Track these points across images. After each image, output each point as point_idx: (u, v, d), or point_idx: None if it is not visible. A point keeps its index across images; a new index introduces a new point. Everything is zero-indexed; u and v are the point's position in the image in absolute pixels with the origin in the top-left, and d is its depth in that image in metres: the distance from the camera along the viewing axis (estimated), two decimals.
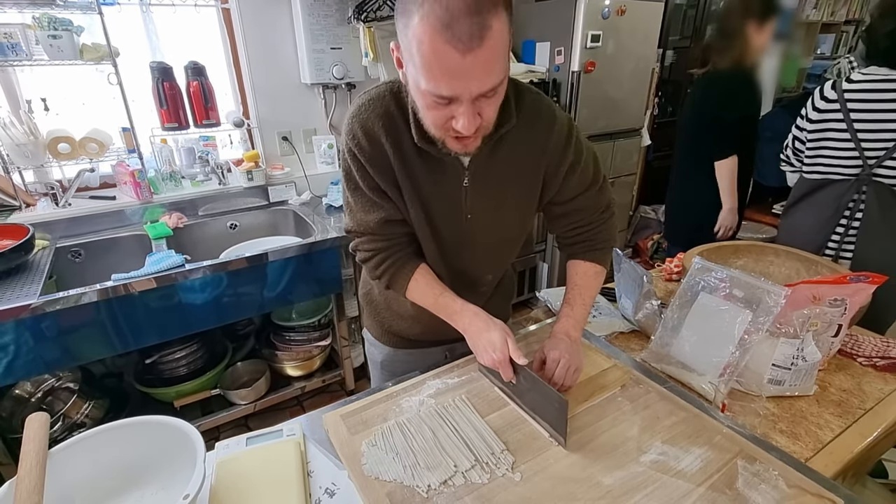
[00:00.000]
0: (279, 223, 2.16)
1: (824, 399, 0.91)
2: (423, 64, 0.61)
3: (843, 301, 0.90)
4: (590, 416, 0.82)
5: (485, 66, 0.61)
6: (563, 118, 0.84)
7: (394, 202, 0.84)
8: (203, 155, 2.01)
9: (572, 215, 0.94)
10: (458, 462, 0.71)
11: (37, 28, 1.56)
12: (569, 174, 0.87)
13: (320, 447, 0.78)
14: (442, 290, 0.88)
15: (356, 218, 0.87)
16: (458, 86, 0.62)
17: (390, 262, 0.88)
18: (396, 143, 0.78)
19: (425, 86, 0.63)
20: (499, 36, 0.60)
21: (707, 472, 0.70)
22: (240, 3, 1.91)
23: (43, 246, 1.67)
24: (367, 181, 0.82)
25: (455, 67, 0.60)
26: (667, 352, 0.98)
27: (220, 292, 1.64)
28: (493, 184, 0.83)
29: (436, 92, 0.63)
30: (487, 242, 0.91)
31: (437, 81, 0.62)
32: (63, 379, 1.66)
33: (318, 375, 2.09)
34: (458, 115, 0.65)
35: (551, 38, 2.35)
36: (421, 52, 0.60)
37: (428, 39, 0.59)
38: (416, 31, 0.60)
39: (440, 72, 0.61)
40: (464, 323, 0.86)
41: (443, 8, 0.57)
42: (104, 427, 0.69)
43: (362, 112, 0.78)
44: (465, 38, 0.57)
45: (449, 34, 0.57)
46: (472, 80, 0.62)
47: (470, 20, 0.57)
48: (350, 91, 2.24)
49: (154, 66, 1.80)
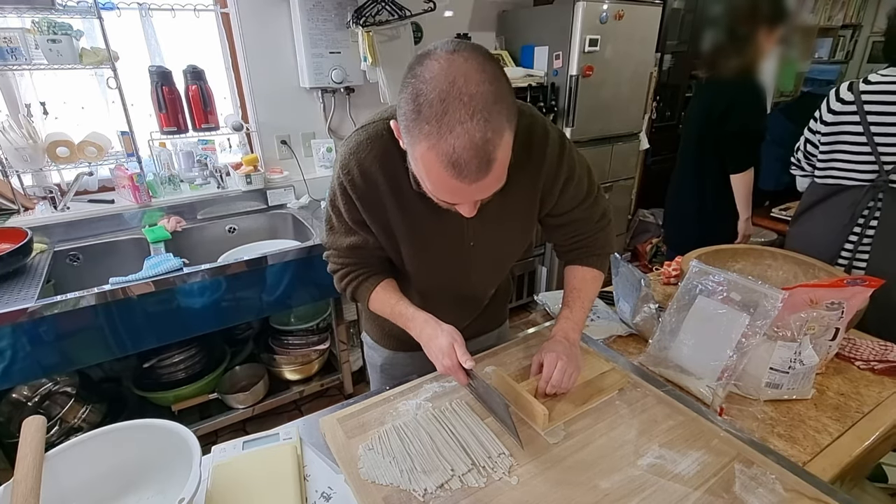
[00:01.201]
0: (278, 227, 2.16)
1: (822, 403, 0.91)
2: (430, 182, 0.64)
3: (840, 304, 0.90)
4: (587, 419, 0.81)
5: (490, 186, 0.64)
6: (555, 135, 0.85)
7: (374, 235, 0.86)
8: (202, 158, 2.01)
9: (569, 226, 0.95)
10: (455, 466, 0.71)
11: (36, 32, 1.56)
12: (564, 189, 0.88)
13: (317, 451, 0.77)
14: (398, 299, 0.90)
15: (333, 237, 0.90)
16: (463, 199, 0.67)
17: (354, 275, 0.91)
18: (394, 184, 0.79)
19: (432, 192, 0.67)
20: (503, 157, 0.61)
21: (704, 475, 0.70)
22: (239, 7, 1.92)
23: (41, 250, 1.67)
24: (352, 214, 0.83)
25: (461, 192, 0.63)
26: (665, 355, 0.98)
27: (218, 296, 1.64)
28: (493, 210, 0.83)
29: (443, 199, 0.68)
30: (489, 263, 0.93)
31: (443, 196, 0.67)
32: (60, 383, 1.65)
33: (316, 379, 2.09)
34: (460, 209, 0.70)
35: (550, 42, 2.36)
36: (427, 174, 0.62)
37: (435, 171, 0.61)
38: (423, 156, 0.61)
39: (449, 194, 0.65)
40: (416, 331, 0.86)
41: (450, 147, 0.57)
42: (101, 430, 0.68)
43: (360, 151, 0.77)
44: (472, 174, 0.59)
45: (455, 171, 0.59)
46: (477, 196, 0.67)
47: (477, 159, 0.58)
48: (349, 95, 2.25)
49: (153, 70, 1.81)
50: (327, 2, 1.99)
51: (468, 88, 0.57)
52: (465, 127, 0.57)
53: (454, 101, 0.56)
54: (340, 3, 2.01)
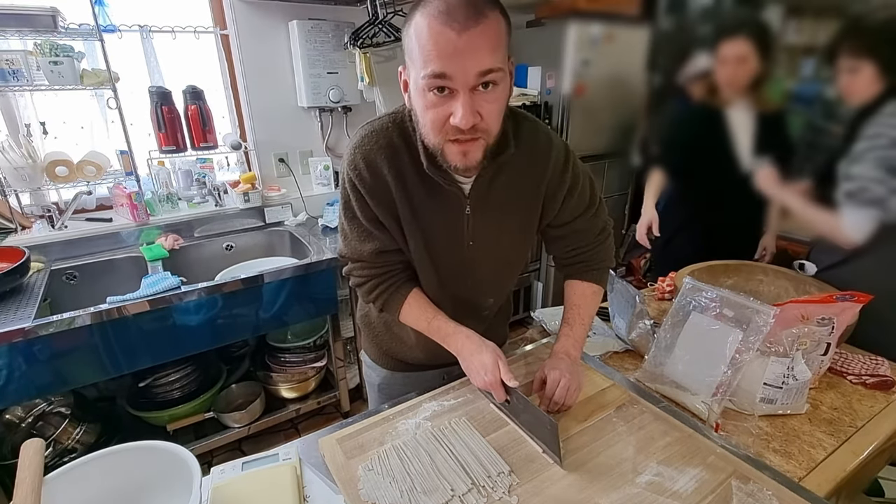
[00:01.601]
0: (275, 244, 2.17)
1: (816, 417, 0.92)
2: (422, 49, 0.65)
3: (830, 320, 0.91)
4: (586, 436, 0.82)
5: (480, 45, 0.64)
6: (560, 144, 0.87)
7: (390, 233, 0.85)
8: (200, 177, 2.03)
9: (570, 238, 0.96)
10: (455, 486, 0.71)
11: (38, 54, 1.59)
12: (567, 198, 0.90)
13: (316, 471, 0.77)
14: (435, 313, 0.90)
15: (351, 245, 0.89)
16: (454, 64, 0.64)
17: (384, 287, 0.90)
18: (399, 175, 0.80)
19: (424, 72, 0.66)
20: (494, 25, 0.65)
21: (702, 492, 0.70)
22: (239, 30, 1.96)
23: (38, 269, 1.66)
24: (366, 212, 0.84)
25: (451, 45, 0.64)
26: (661, 371, 0.99)
27: (215, 314, 1.64)
28: (494, 211, 0.85)
29: (434, 71, 0.65)
30: (489, 268, 0.93)
31: (434, 60, 0.65)
32: (54, 403, 1.64)
33: (313, 397, 2.08)
34: (455, 110, 0.67)
35: (543, 62, 2.41)
36: (419, 39, 0.65)
37: (426, 25, 0.64)
38: (416, 23, 0.66)
39: (437, 51, 0.64)
40: (457, 345, 0.87)
41: (441, 1, 0.64)
42: (101, 453, 0.68)
43: (365, 143, 0.80)
44: (462, 19, 0.63)
45: (446, 17, 0.63)
46: (468, 58, 0.64)
47: (466, 7, 0.63)
48: (346, 114, 2.28)
49: (153, 90, 1.83)
50: (325, 24, 2.03)
51: None
52: None
53: None
54: (338, 26, 2.06)
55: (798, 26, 2.25)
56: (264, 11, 1.98)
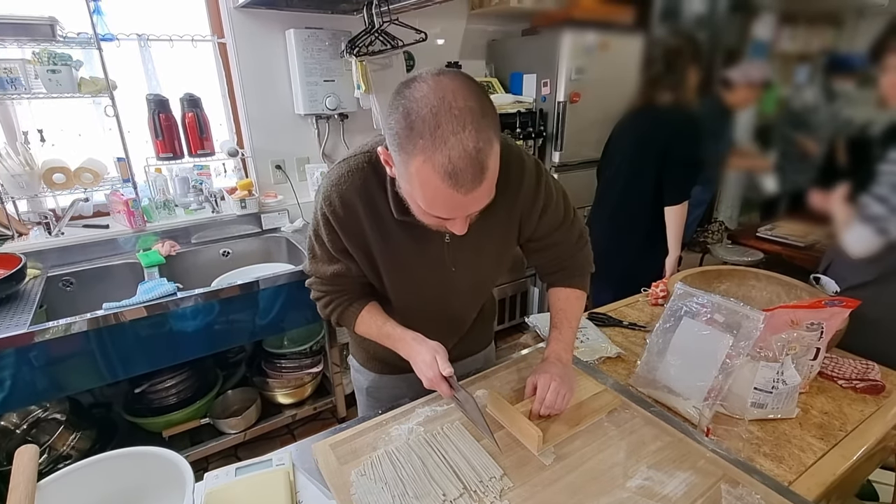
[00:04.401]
0: (272, 250, 2.18)
1: (806, 422, 0.93)
2: (425, 197, 0.66)
3: (819, 325, 0.92)
4: (577, 441, 0.83)
5: (483, 197, 0.66)
6: (531, 164, 0.88)
7: (356, 262, 0.88)
8: (197, 184, 2.04)
9: (550, 249, 0.98)
10: (447, 491, 0.72)
11: (36, 63, 1.60)
12: (542, 216, 0.92)
13: (310, 477, 0.78)
14: (384, 320, 0.92)
15: (315, 265, 0.92)
16: (458, 213, 0.68)
17: (337, 302, 0.93)
18: (374, 214, 0.81)
19: (426, 208, 0.68)
20: (494, 165, 0.65)
21: (691, 496, 0.71)
22: (236, 38, 1.98)
23: (34, 275, 1.67)
24: (335, 243, 0.86)
25: (457, 204, 0.65)
26: (653, 376, 1.00)
27: (211, 320, 1.64)
28: (473, 236, 0.85)
29: (437, 214, 0.68)
30: (470, 287, 0.96)
31: (439, 210, 0.67)
32: (50, 409, 1.63)
33: (309, 403, 2.08)
34: (452, 227, 0.71)
35: (538, 69, 2.43)
36: (422, 188, 0.64)
37: (431, 183, 0.63)
38: (419, 170, 0.63)
39: (443, 207, 0.67)
40: (405, 351, 0.88)
41: (446, 158, 0.60)
42: (94, 459, 0.69)
43: (342, 183, 0.81)
44: (468, 183, 0.62)
45: (452, 181, 0.61)
46: (471, 209, 0.69)
47: (472, 168, 0.61)
48: (343, 121, 2.29)
49: (151, 98, 1.85)
50: (322, 32, 2.05)
51: (457, 103, 0.60)
52: (458, 137, 0.60)
53: (445, 114, 0.60)
54: (334, 34, 2.08)
55: (792, 34, 2.27)
56: (261, 20, 2.00)
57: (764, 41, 1.98)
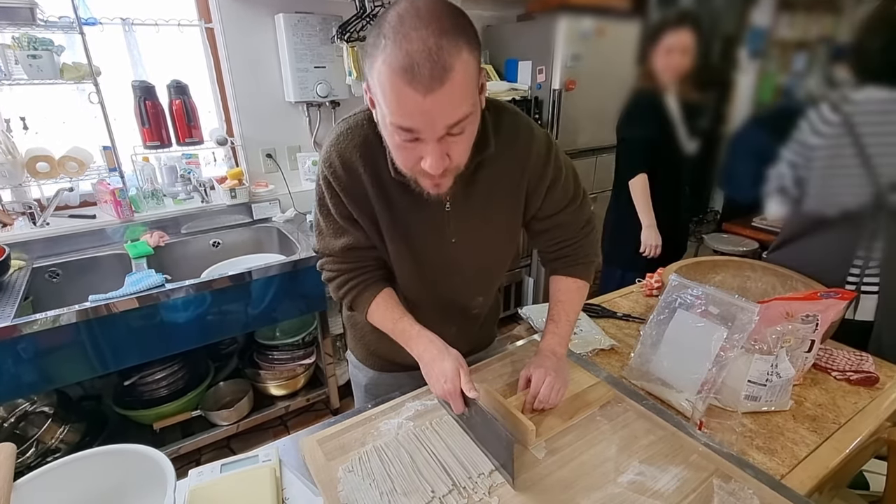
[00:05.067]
0: (263, 241, 2.15)
1: (800, 414, 0.92)
2: (387, 99, 0.62)
3: (815, 317, 0.91)
4: (569, 436, 0.82)
5: (447, 104, 0.62)
6: (542, 135, 0.85)
7: (364, 230, 0.84)
8: (185, 173, 2.00)
9: (554, 231, 0.95)
10: (436, 487, 0.70)
11: (16, 48, 1.55)
12: (550, 191, 0.89)
13: (296, 473, 0.76)
14: (401, 314, 0.88)
15: (324, 240, 0.88)
16: (422, 122, 0.63)
17: (353, 283, 0.89)
18: (374, 173, 0.78)
19: (391, 119, 0.64)
20: (461, 75, 0.61)
21: (683, 491, 0.70)
22: (224, 23, 1.93)
23: (19, 266, 1.64)
24: (340, 209, 0.83)
25: (417, 107, 0.61)
26: (647, 368, 0.99)
27: (202, 311, 1.62)
28: (475, 206, 0.84)
29: (402, 124, 0.64)
30: (474, 265, 0.92)
31: (401, 117, 0.63)
32: (37, 403, 1.61)
33: (302, 394, 2.07)
34: (425, 155, 0.66)
35: (533, 56, 2.39)
36: (384, 92, 0.62)
37: (389, 81, 0.60)
38: (379, 72, 0.61)
39: (403, 110, 0.62)
40: (418, 350, 0.85)
41: (403, 52, 0.58)
42: (72, 457, 0.67)
43: (340, 141, 0.78)
44: (426, 81, 0.59)
45: (409, 77, 0.58)
46: (436, 118, 0.62)
47: (430, 64, 0.58)
48: (334, 109, 2.25)
49: (136, 84, 1.80)
50: (312, 17, 2.00)
51: (426, 8, 0.60)
52: (419, 34, 0.58)
53: (412, 17, 0.59)
54: (325, 19, 2.03)
55: (790, 21, 2.24)
56: (250, 4, 1.95)
57: (762, 28, 1.95)
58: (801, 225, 1.35)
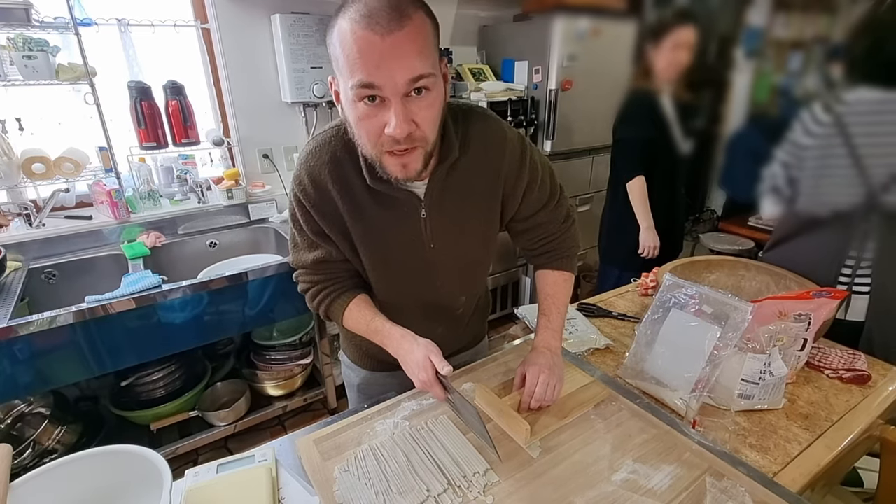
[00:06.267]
0: (260, 241, 2.15)
1: (793, 412, 0.93)
2: (347, 57, 0.63)
3: (807, 316, 0.92)
4: (563, 434, 0.82)
5: (407, 49, 0.62)
6: (515, 137, 0.85)
7: (336, 244, 0.85)
8: (182, 174, 2.00)
9: (535, 230, 0.96)
10: (431, 486, 0.71)
11: (11, 48, 1.55)
12: (527, 192, 0.89)
13: (293, 473, 0.77)
14: (373, 315, 0.88)
15: (297, 254, 0.90)
16: (382, 72, 0.62)
17: (325, 293, 0.90)
18: (345, 188, 0.79)
19: (351, 82, 0.64)
20: (420, 28, 0.63)
21: (676, 489, 0.71)
22: (220, 23, 1.92)
23: (15, 267, 1.64)
24: (311, 225, 0.84)
25: (376, 52, 0.61)
26: (641, 368, 1.00)
27: (199, 312, 1.62)
28: (451, 211, 0.84)
29: (361, 81, 0.63)
30: (454, 267, 0.92)
31: (361, 69, 0.62)
32: (34, 404, 1.61)
33: (299, 394, 2.07)
34: (388, 120, 0.65)
35: (529, 56, 2.39)
36: (344, 47, 0.63)
37: (349, 30, 0.62)
38: (339, 29, 0.63)
39: (362, 60, 0.62)
40: (393, 347, 0.85)
41: (362, 4, 0.62)
42: (68, 458, 0.67)
43: (309, 160, 0.79)
44: (385, 22, 0.61)
45: (368, 21, 0.61)
46: (395, 66, 0.62)
47: (388, 10, 0.61)
48: (331, 109, 2.25)
49: (132, 85, 1.80)
50: (308, 18, 2.00)
51: None
52: None
53: None
54: (321, 19, 2.03)
55: (786, 20, 2.24)
56: (246, 4, 1.95)
57: (758, 27, 1.95)
58: (794, 225, 1.36)
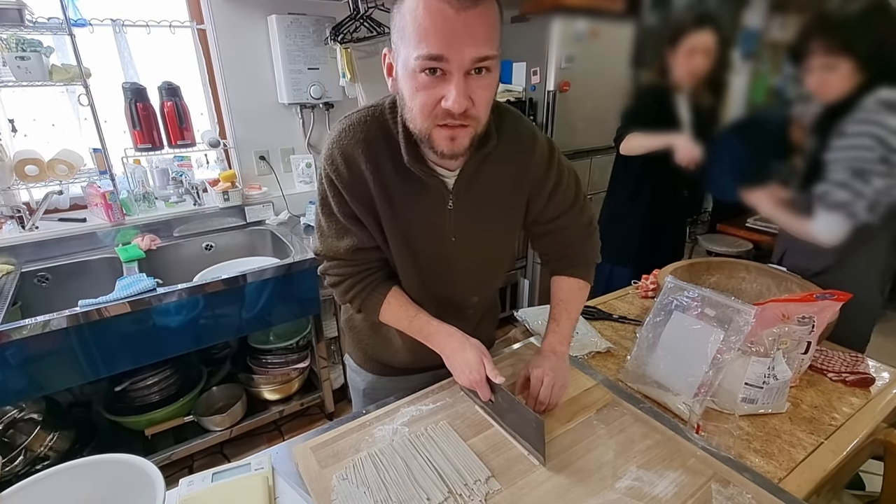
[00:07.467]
0: (256, 244, 2.13)
1: (797, 416, 0.92)
2: (417, 28, 0.62)
3: (810, 319, 0.91)
4: (566, 440, 0.81)
5: (477, 28, 0.62)
6: (544, 140, 0.86)
7: (367, 230, 0.83)
8: (177, 176, 1.98)
9: (556, 234, 0.95)
10: (431, 495, 0.69)
11: (4, 49, 1.53)
12: (552, 195, 0.89)
13: (290, 481, 0.75)
14: (416, 311, 0.88)
15: (327, 242, 0.86)
16: (451, 47, 0.62)
17: (361, 286, 0.87)
18: (377, 169, 0.77)
19: (418, 52, 0.63)
20: (491, 8, 0.63)
21: (681, 497, 0.69)
22: (216, 24, 1.91)
23: (7, 271, 1.61)
24: (343, 208, 0.81)
25: (449, 26, 0.61)
26: (643, 371, 0.98)
27: (194, 316, 1.60)
28: (477, 205, 0.83)
29: (430, 53, 0.63)
30: (471, 264, 0.91)
31: (431, 41, 0.62)
32: (26, 410, 1.58)
33: (296, 399, 2.05)
34: (447, 93, 0.65)
35: (527, 58, 2.39)
36: (414, 17, 0.62)
37: (424, 2, 0.61)
38: (410, 5, 0.62)
39: (434, 30, 0.62)
40: (440, 343, 0.86)
41: None
42: (60, 467, 0.66)
43: (343, 138, 0.77)
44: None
45: None
46: (465, 42, 0.62)
47: None
48: (328, 111, 2.24)
49: (127, 86, 1.78)
50: (305, 19, 1.99)
51: None
52: None
53: None
54: (318, 20, 2.02)
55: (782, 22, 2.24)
56: (242, 5, 1.93)
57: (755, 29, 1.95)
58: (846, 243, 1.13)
